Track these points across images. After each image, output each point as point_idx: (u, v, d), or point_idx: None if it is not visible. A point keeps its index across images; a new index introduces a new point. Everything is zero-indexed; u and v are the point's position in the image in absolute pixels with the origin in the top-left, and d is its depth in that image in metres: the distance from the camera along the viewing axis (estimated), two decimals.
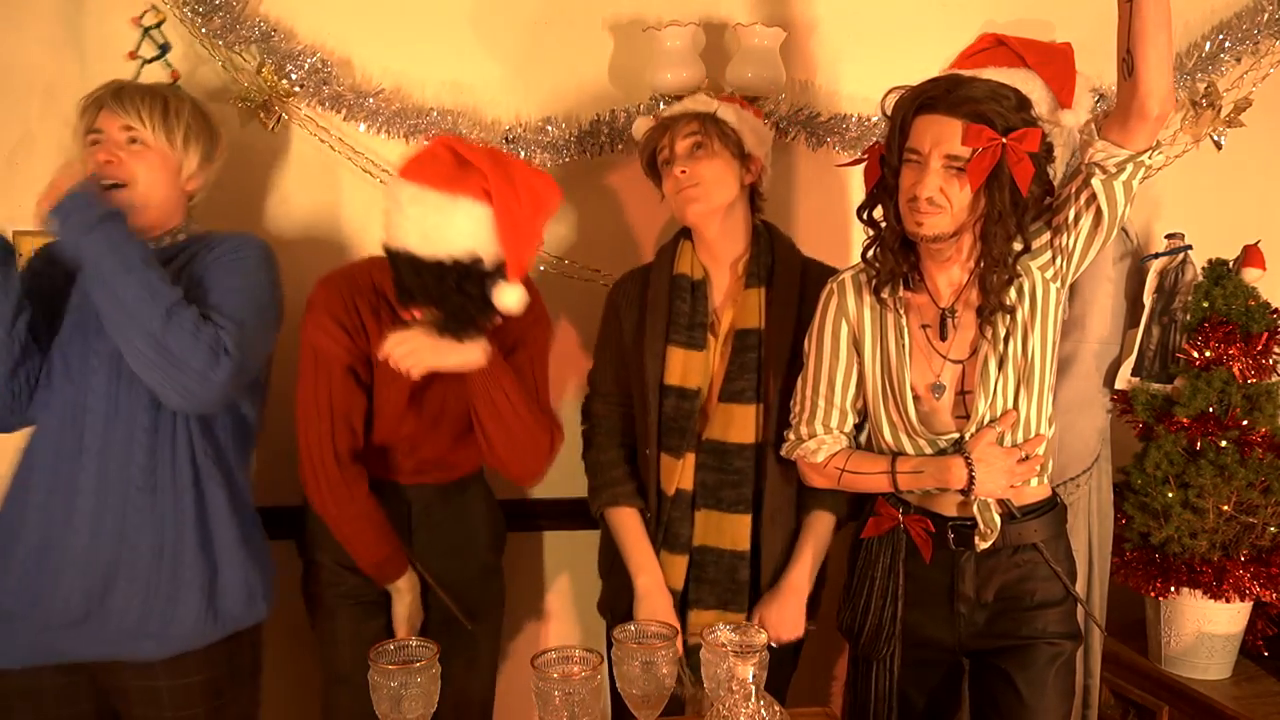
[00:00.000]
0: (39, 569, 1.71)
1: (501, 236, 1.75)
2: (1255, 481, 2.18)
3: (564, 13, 2.32)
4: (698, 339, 1.98)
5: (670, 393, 1.98)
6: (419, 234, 1.73)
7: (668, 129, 1.98)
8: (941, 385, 1.81)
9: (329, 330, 1.87)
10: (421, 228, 1.73)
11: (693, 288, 2.01)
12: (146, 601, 1.73)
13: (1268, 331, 2.25)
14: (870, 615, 1.89)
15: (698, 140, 1.95)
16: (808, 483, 1.95)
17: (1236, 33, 2.49)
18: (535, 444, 1.94)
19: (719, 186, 1.95)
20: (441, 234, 1.73)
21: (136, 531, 1.72)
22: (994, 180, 1.67)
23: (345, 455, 1.90)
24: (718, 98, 2.06)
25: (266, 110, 2.21)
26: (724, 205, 1.97)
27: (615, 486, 2.03)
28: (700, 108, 1.99)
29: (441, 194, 1.73)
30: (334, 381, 1.88)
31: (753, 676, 1.38)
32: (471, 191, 1.73)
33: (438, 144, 1.79)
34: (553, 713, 1.42)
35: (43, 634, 1.72)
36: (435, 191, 1.73)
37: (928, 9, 2.41)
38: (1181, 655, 2.31)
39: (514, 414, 1.88)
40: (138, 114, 1.79)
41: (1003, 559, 1.81)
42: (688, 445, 1.97)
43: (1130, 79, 1.64)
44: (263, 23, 2.19)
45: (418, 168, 1.76)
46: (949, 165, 1.67)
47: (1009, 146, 1.65)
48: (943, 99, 1.67)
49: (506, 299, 1.78)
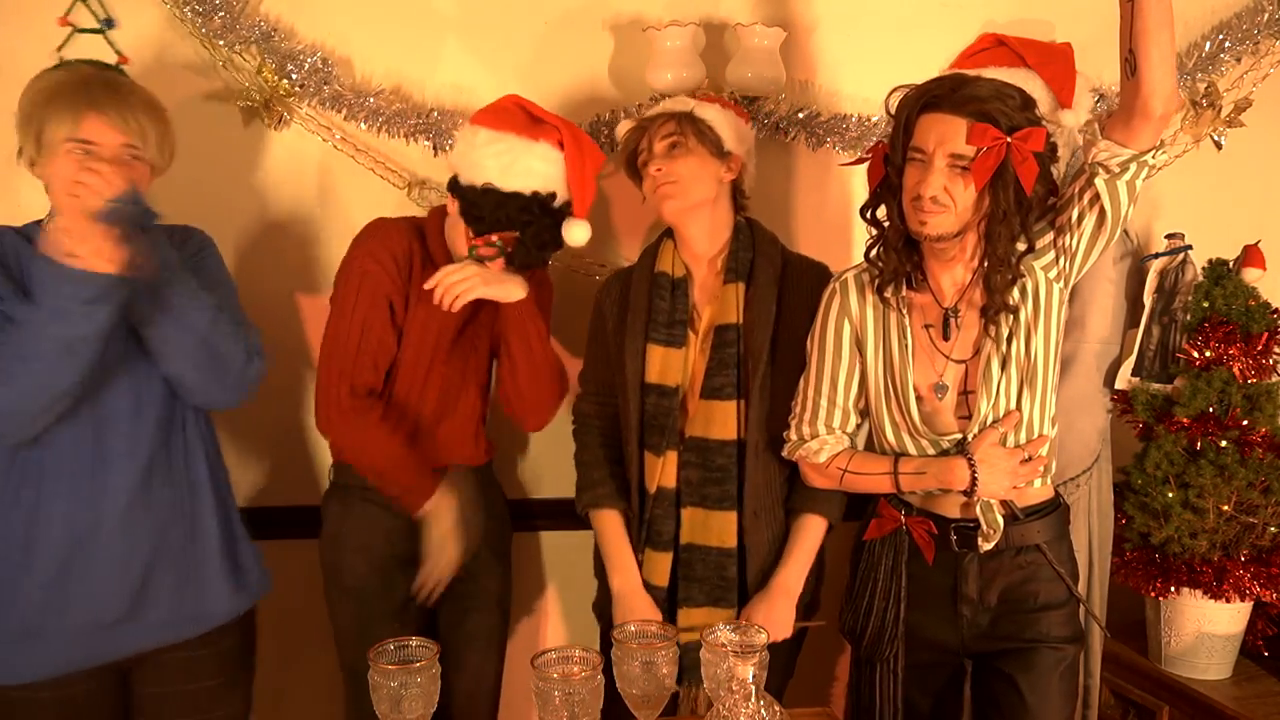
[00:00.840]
0: (67, 579, 1.67)
1: (572, 180, 1.97)
2: (1255, 481, 2.18)
3: (564, 13, 2.32)
4: (677, 336, 1.99)
5: (651, 390, 1.99)
6: (499, 169, 1.92)
7: (645, 130, 2.00)
8: (944, 385, 1.81)
9: (380, 258, 1.95)
10: (501, 163, 1.92)
11: (673, 285, 2.01)
12: (181, 587, 1.75)
13: (1268, 331, 2.25)
14: (873, 617, 1.88)
15: (674, 140, 1.96)
16: (809, 483, 1.94)
17: (1236, 33, 2.49)
18: (553, 383, 2.07)
19: (695, 184, 1.96)
20: (524, 169, 1.93)
21: (168, 523, 1.73)
22: (998, 179, 1.67)
23: (361, 388, 1.95)
24: (698, 97, 2.06)
25: (267, 110, 2.21)
26: (701, 202, 1.98)
27: (597, 488, 2.04)
28: (678, 107, 2.00)
29: (520, 138, 1.94)
30: (374, 309, 1.94)
31: (753, 676, 1.38)
32: (549, 139, 1.95)
33: (506, 101, 2.00)
34: (553, 713, 1.42)
35: (76, 641, 1.69)
36: (515, 136, 1.94)
37: (928, 9, 2.41)
38: (1181, 655, 2.31)
39: (542, 349, 2.02)
40: (141, 131, 1.65)
41: (1006, 560, 1.81)
42: (669, 443, 1.97)
43: (1133, 79, 1.63)
44: (263, 23, 2.19)
45: (494, 117, 1.97)
46: (953, 164, 1.67)
47: (1014, 146, 1.65)
48: (947, 98, 1.67)
49: (576, 233, 2.00)
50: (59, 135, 1.60)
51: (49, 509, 1.67)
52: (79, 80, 1.64)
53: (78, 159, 1.58)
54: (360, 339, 1.94)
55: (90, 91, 1.62)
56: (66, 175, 1.56)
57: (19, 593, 1.67)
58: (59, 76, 1.65)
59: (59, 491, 1.67)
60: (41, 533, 1.66)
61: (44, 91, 1.63)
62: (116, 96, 1.64)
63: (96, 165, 1.54)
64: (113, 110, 1.62)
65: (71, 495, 1.67)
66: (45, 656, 1.68)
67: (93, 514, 1.68)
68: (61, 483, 1.67)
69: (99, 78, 1.66)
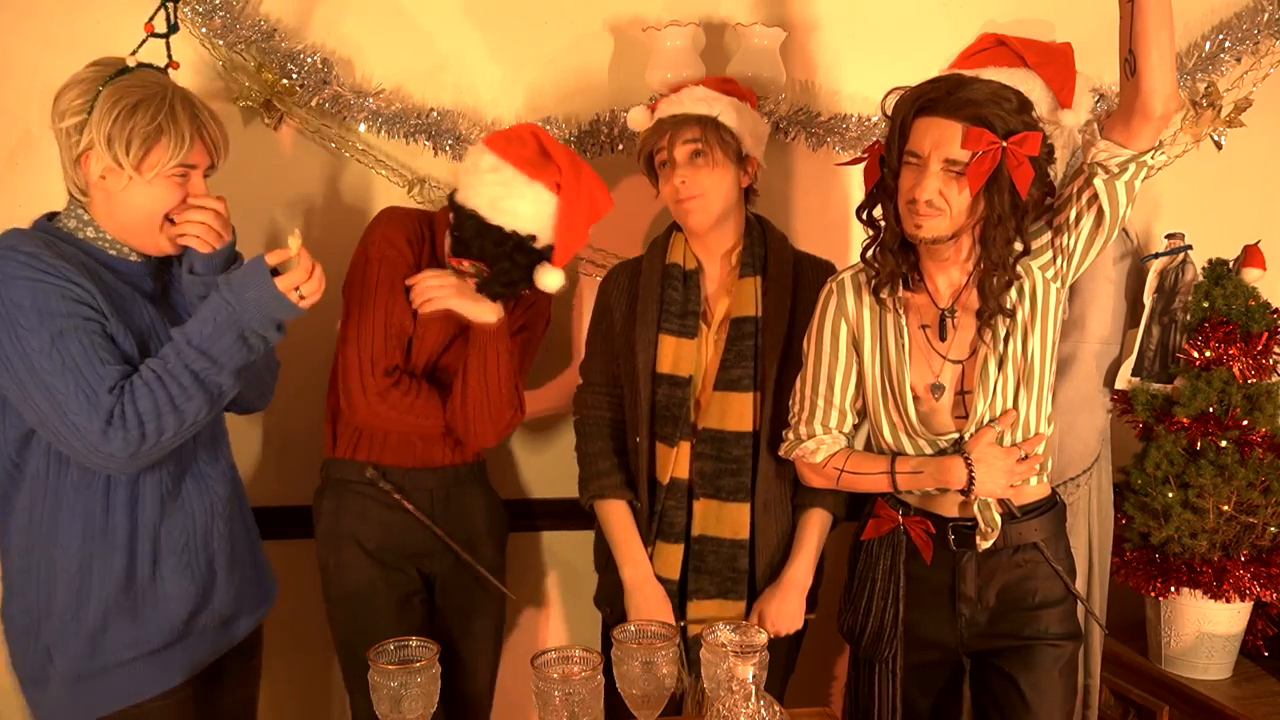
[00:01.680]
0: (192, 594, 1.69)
1: (559, 226, 1.94)
2: (1255, 481, 2.18)
3: (564, 13, 2.32)
4: (690, 327, 2.00)
5: (662, 381, 1.99)
6: (489, 200, 1.92)
7: (665, 131, 1.97)
8: (941, 385, 1.81)
9: (395, 242, 1.98)
10: (493, 196, 1.92)
11: (685, 277, 2.02)
12: (244, 580, 1.79)
13: (1268, 331, 2.25)
14: (871, 617, 1.88)
15: (698, 148, 1.94)
16: (806, 483, 1.95)
17: (1236, 33, 2.49)
18: (501, 412, 2.02)
19: (719, 195, 1.96)
20: (511, 207, 1.91)
21: (237, 521, 1.80)
22: (993, 184, 1.66)
23: (391, 369, 1.97)
24: (717, 87, 2.03)
25: (267, 110, 2.21)
26: (724, 211, 1.98)
27: (603, 478, 2.03)
28: (699, 109, 1.97)
29: (519, 173, 1.92)
30: (394, 294, 1.96)
31: (753, 676, 1.38)
32: (546, 181, 1.93)
33: (524, 129, 2.00)
34: (553, 713, 1.42)
35: (197, 645, 1.71)
36: (514, 169, 1.92)
37: (928, 9, 2.41)
38: (1181, 655, 2.31)
39: (497, 378, 1.99)
40: (224, 153, 1.69)
41: (1004, 559, 1.81)
42: (682, 434, 1.97)
43: (1133, 79, 1.63)
44: (263, 23, 2.19)
45: (504, 144, 1.96)
46: (948, 168, 1.67)
47: (1009, 150, 1.64)
48: (943, 101, 1.67)
49: (548, 280, 1.97)
50: (171, 158, 1.59)
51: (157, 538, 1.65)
52: (182, 101, 1.61)
53: (177, 183, 1.61)
54: (386, 322, 1.96)
55: (194, 113, 1.62)
56: (169, 200, 1.61)
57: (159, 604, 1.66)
58: (150, 88, 1.59)
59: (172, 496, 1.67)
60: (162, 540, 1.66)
61: (145, 106, 1.57)
62: (214, 121, 1.66)
63: (207, 204, 1.64)
64: (216, 137, 1.66)
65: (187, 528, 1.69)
66: (175, 666, 1.68)
67: (204, 533, 1.70)
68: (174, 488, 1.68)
69: (184, 94, 1.63)
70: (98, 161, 1.58)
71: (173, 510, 1.66)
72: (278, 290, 1.56)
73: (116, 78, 1.59)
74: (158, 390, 1.53)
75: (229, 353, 1.57)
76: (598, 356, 2.11)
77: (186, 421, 1.57)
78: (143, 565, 1.63)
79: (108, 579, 1.61)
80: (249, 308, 1.56)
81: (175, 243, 1.65)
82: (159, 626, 1.65)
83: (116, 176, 1.58)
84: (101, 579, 1.61)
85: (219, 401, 1.62)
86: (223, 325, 1.56)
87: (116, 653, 1.63)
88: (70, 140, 1.59)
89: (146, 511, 1.63)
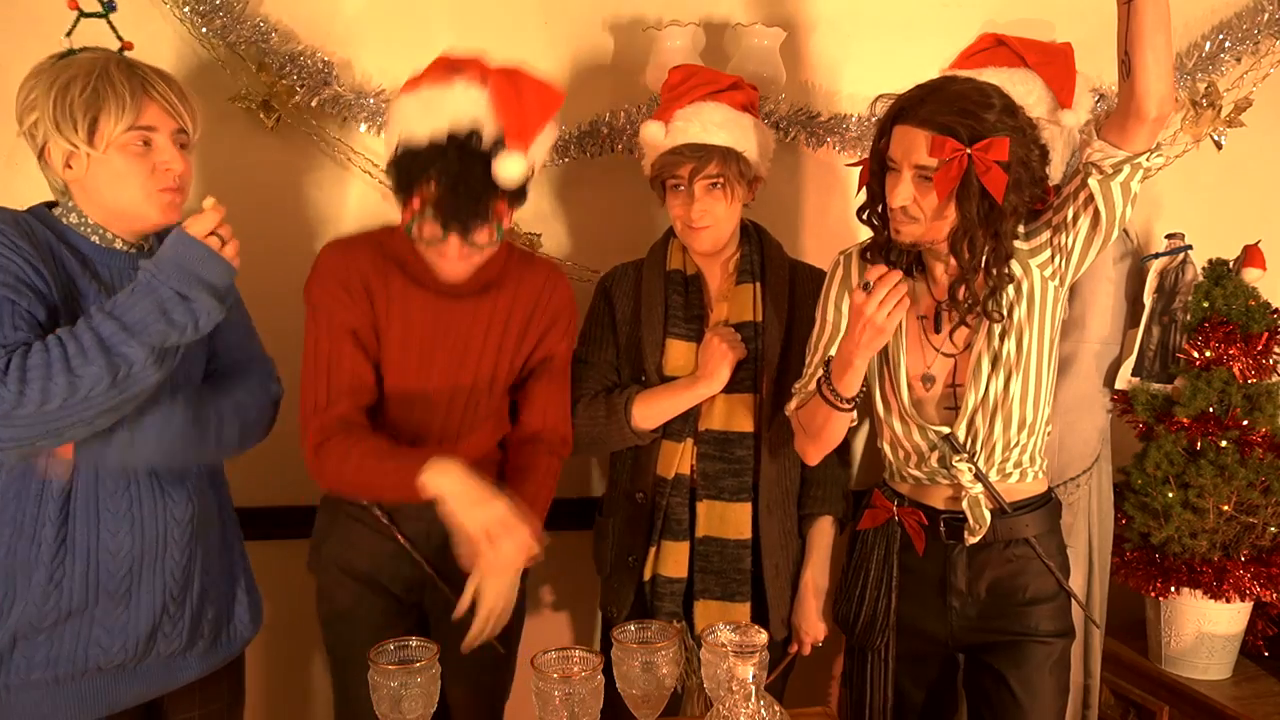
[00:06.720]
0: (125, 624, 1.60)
1: (498, 106, 1.66)
2: (1255, 481, 2.18)
3: (564, 13, 2.32)
4: (694, 331, 2.03)
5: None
6: (415, 118, 1.68)
7: (684, 159, 1.92)
8: (931, 376, 1.82)
9: (327, 288, 1.81)
10: (416, 112, 1.68)
11: (686, 282, 2.05)
12: (197, 618, 1.69)
13: (1268, 331, 2.25)
14: (865, 606, 1.91)
15: (717, 180, 1.94)
16: (802, 456, 1.96)
17: (1236, 33, 2.49)
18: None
19: (729, 222, 2.00)
20: (438, 108, 1.67)
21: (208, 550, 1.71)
22: (964, 190, 1.66)
23: (335, 424, 1.78)
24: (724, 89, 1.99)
25: (266, 110, 2.21)
26: (731, 233, 2.02)
27: (624, 391, 2.01)
28: (723, 140, 1.92)
29: (434, 86, 1.69)
30: (335, 341, 1.80)
31: (753, 676, 1.38)
32: (467, 76, 1.68)
33: (434, 61, 1.76)
34: (553, 713, 1.42)
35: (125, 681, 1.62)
36: (429, 87, 1.70)
37: (928, 9, 2.41)
38: (1181, 655, 2.31)
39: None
40: (190, 115, 1.59)
41: (995, 553, 1.82)
42: (689, 431, 2.01)
43: (1128, 80, 1.64)
44: (263, 23, 2.18)
45: (412, 80, 1.74)
46: (920, 175, 1.68)
47: (974, 157, 1.63)
48: (912, 110, 1.67)
49: (508, 168, 1.67)
50: (117, 124, 1.52)
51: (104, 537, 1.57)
52: (117, 65, 1.54)
53: (139, 151, 1.54)
54: (329, 373, 1.80)
55: (135, 75, 1.55)
56: (135, 169, 1.54)
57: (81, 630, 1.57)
58: (83, 63, 1.53)
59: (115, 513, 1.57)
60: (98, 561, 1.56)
61: (79, 80, 1.51)
62: (164, 81, 1.57)
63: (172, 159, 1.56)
64: (168, 95, 1.57)
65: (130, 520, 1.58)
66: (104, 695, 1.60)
67: (157, 538, 1.61)
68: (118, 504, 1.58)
69: (129, 62, 1.56)
70: (57, 150, 1.53)
71: (115, 530, 1.55)
72: (194, 240, 1.46)
73: (54, 64, 1.55)
74: (54, 348, 1.41)
75: (143, 322, 1.44)
76: (597, 342, 2.09)
77: (80, 390, 1.40)
78: (69, 585, 1.53)
79: (26, 593, 1.52)
80: (167, 267, 1.46)
81: (166, 212, 1.58)
82: (75, 653, 1.55)
83: (78, 159, 1.53)
84: (22, 592, 1.52)
85: (127, 381, 1.44)
86: (139, 290, 1.46)
87: (22, 672, 1.54)
88: (33, 140, 1.56)
89: (78, 528, 1.53)
